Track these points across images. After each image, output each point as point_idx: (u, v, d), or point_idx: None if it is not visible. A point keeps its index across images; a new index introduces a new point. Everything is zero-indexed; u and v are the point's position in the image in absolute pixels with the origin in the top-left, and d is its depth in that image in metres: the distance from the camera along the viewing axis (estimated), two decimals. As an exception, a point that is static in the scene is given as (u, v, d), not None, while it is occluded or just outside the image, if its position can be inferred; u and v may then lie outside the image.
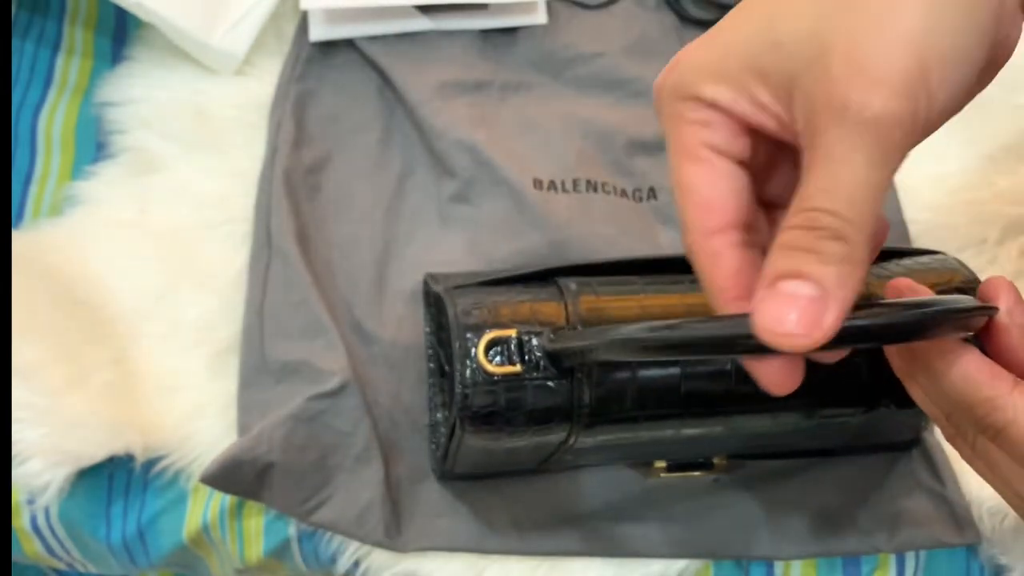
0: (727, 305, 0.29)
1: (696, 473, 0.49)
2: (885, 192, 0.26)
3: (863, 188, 0.25)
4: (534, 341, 0.41)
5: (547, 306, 0.42)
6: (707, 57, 0.30)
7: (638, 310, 0.43)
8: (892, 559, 0.50)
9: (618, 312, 0.43)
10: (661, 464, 0.48)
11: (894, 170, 0.26)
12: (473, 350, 0.41)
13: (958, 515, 0.49)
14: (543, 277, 0.46)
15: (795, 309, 0.24)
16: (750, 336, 0.25)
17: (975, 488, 0.49)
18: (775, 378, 0.28)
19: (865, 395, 0.43)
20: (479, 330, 0.41)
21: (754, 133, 0.30)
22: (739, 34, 0.29)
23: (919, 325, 0.28)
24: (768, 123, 0.29)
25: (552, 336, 0.41)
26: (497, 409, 0.41)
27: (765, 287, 0.25)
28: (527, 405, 0.41)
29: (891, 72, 0.25)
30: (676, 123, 0.30)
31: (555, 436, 0.43)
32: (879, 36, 0.25)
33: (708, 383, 0.42)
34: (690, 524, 0.50)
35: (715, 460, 0.48)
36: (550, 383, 0.41)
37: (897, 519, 0.49)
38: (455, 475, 0.50)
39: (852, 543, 0.49)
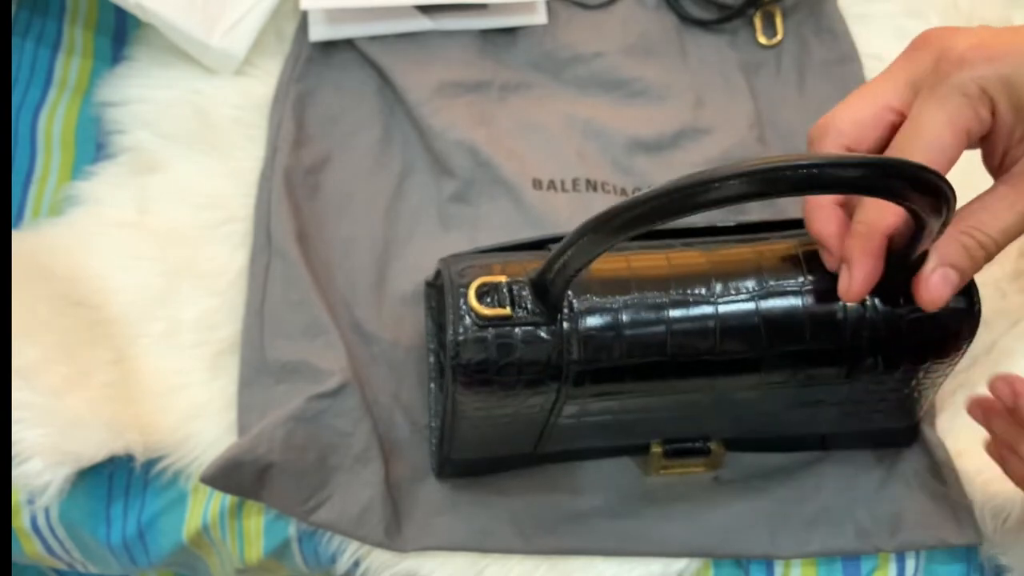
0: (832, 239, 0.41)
1: (695, 467, 0.49)
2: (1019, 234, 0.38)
3: (1012, 230, 0.38)
4: (524, 292, 0.42)
5: (538, 263, 0.42)
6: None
7: (625, 269, 0.44)
8: (892, 559, 0.50)
9: (607, 268, 0.44)
10: (658, 449, 0.48)
11: None
12: (463, 298, 0.42)
13: (960, 515, 0.49)
14: (539, 246, 0.47)
15: (948, 287, 0.38)
16: (709, 182, 0.33)
17: (977, 488, 0.49)
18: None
19: (847, 353, 0.43)
20: (472, 282, 0.42)
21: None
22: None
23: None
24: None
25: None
26: (488, 357, 0.41)
27: (935, 265, 0.38)
28: (517, 353, 0.41)
29: None
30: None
31: (545, 397, 0.43)
32: None
33: (693, 339, 0.42)
34: (690, 523, 0.50)
35: (711, 445, 0.48)
36: (540, 332, 0.41)
37: (898, 519, 0.49)
38: (453, 464, 0.50)
39: (852, 542, 0.49)
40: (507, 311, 0.41)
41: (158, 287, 0.55)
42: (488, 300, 0.42)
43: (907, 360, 0.43)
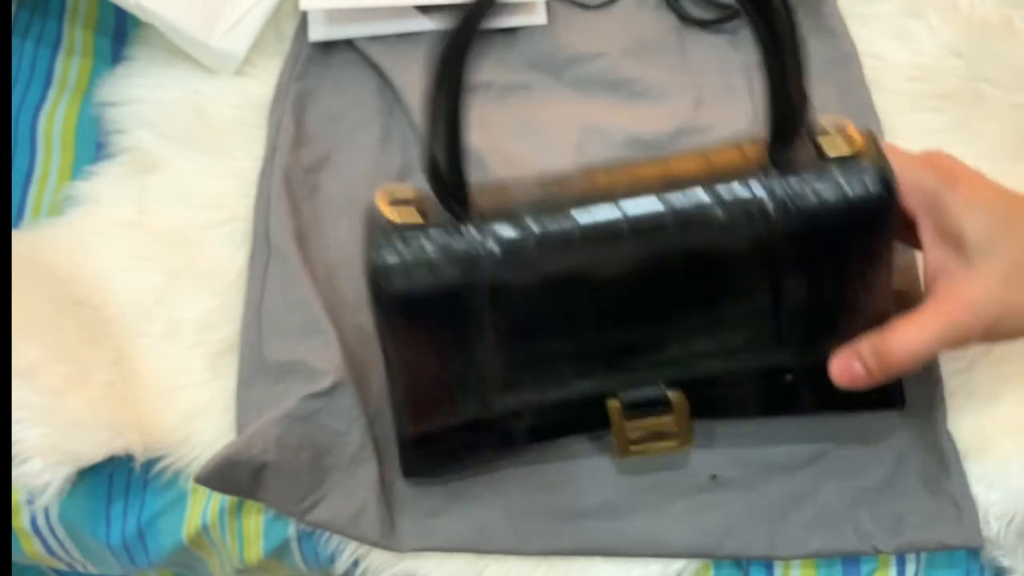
0: None
1: (666, 440, 0.47)
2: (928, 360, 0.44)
3: (928, 352, 0.43)
4: (434, 203, 0.42)
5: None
6: None
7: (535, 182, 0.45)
8: (892, 559, 0.50)
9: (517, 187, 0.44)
10: (615, 405, 0.47)
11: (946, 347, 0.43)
12: (377, 210, 0.42)
13: (963, 517, 0.48)
14: None
15: (852, 377, 0.44)
16: None
17: (982, 490, 0.49)
18: None
19: (764, 248, 0.43)
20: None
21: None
22: None
23: None
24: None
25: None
26: (405, 267, 0.42)
27: (848, 355, 0.44)
28: (434, 255, 0.42)
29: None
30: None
31: (472, 326, 0.43)
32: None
33: (603, 239, 0.42)
34: (688, 523, 0.50)
35: (669, 394, 0.47)
36: (455, 236, 0.42)
37: (900, 519, 0.49)
38: (415, 451, 0.49)
39: (852, 543, 0.49)
40: (419, 220, 0.42)
41: (158, 287, 0.55)
42: (400, 209, 0.43)
43: (829, 251, 0.43)
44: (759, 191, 0.42)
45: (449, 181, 0.42)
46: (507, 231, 0.42)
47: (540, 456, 0.51)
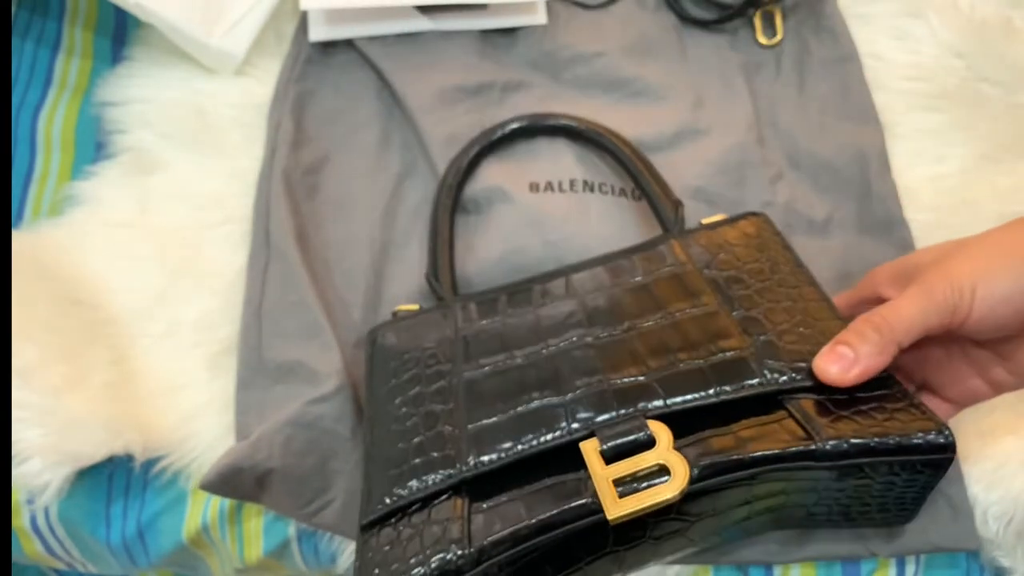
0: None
1: (658, 491, 0.38)
2: (920, 333, 0.42)
3: (908, 320, 0.42)
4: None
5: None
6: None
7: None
8: (892, 562, 0.50)
9: None
10: (593, 447, 0.40)
11: (931, 326, 0.42)
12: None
13: (960, 520, 0.48)
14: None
15: (838, 361, 0.41)
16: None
17: (981, 490, 0.49)
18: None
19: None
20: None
21: None
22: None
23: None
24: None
25: None
26: (399, 340, 0.50)
27: (829, 345, 0.42)
28: (419, 329, 0.50)
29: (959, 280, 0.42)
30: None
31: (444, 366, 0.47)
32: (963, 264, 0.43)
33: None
34: (686, 529, 0.49)
35: (649, 431, 0.40)
36: (436, 312, 0.51)
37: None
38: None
39: (849, 547, 0.48)
40: (416, 307, 0.53)
41: (158, 287, 0.55)
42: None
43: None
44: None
45: (440, 285, 0.53)
46: (478, 301, 0.51)
47: None
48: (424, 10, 0.63)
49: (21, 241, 0.55)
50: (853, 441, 0.39)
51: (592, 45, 0.64)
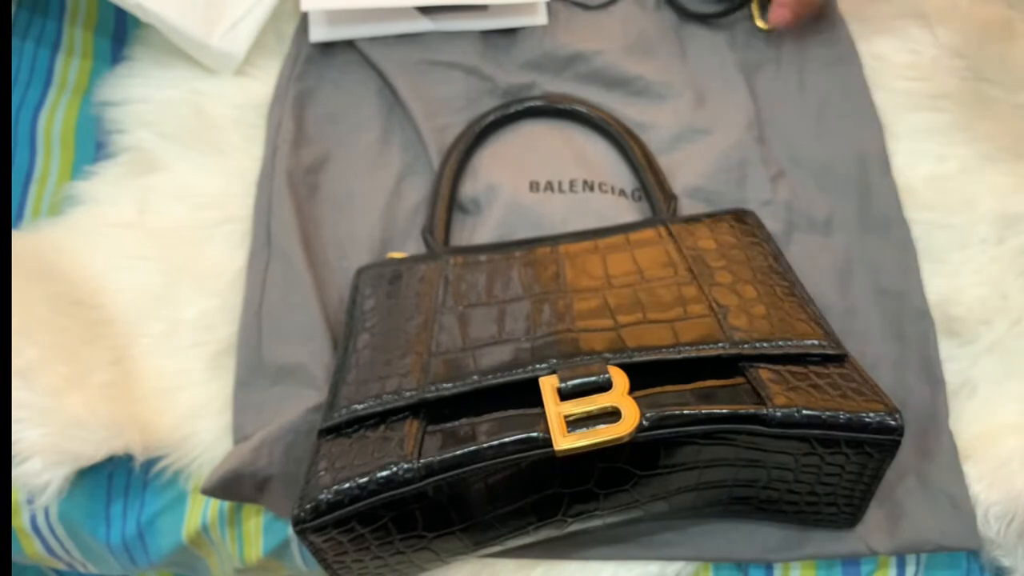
0: None
1: (607, 428, 0.39)
2: None
3: None
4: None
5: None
6: None
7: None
8: (892, 560, 0.50)
9: None
10: (552, 383, 0.41)
11: None
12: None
13: (961, 518, 0.48)
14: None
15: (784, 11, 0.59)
16: None
17: (982, 490, 0.49)
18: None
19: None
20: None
21: None
22: None
23: None
24: None
25: None
26: (384, 273, 0.52)
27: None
28: (407, 264, 0.53)
29: None
30: None
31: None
32: None
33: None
34: (685, 528, 0.49)
35: (608, 373, 0.41)
36: (424, 261, 0.53)
37: (897, 521, 0.49)
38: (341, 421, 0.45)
39: (849, 545, 0.48)
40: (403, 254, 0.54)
41: (158, 287, 0.55)
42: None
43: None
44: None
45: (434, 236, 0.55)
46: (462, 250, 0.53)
47: None
48: (425, 11, 0.63)
49: (21, 241, 0.55)
50: (804, 412, 0.40)
51: (592, 45, 0.64)
